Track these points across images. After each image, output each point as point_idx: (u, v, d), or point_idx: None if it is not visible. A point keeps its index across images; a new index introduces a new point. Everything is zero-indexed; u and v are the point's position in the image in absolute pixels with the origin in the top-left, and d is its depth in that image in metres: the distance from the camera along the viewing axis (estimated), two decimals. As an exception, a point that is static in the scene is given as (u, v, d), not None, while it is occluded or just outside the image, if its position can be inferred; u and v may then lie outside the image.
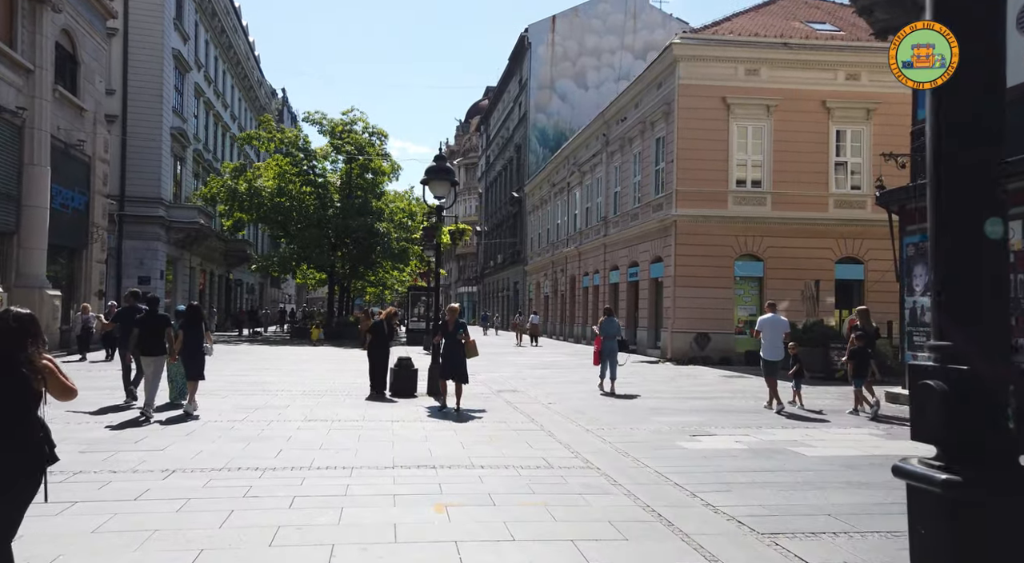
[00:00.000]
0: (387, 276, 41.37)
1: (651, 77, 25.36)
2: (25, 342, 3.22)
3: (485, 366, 19.79)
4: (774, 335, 11.49)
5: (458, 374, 10.83)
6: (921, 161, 11.68)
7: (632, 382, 15.99)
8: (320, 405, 11.25)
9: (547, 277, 42.13)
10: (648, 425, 9.74)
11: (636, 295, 27.49)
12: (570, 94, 50.01)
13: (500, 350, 28.55)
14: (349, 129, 34.89)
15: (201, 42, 36.23)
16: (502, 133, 58.69)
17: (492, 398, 12.72)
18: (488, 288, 63.94)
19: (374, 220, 32.80)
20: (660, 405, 11.95)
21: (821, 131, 23.45)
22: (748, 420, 10.28)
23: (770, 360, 11.49)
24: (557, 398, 12.79)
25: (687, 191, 23.02)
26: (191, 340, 10.36)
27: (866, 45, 23.64)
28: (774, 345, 11.46)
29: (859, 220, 23.33)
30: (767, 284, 23.34)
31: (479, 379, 16.00)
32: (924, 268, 11.78)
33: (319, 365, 18.91)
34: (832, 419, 10.61)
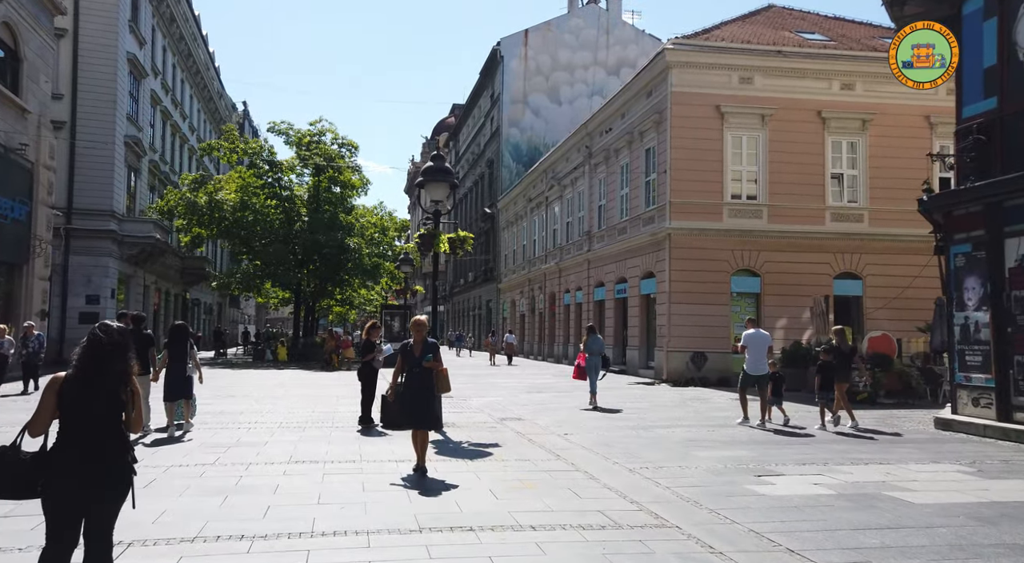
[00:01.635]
0: (355, 294, 39.49)
1: (640, 85, 24.38)
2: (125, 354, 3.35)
3: (473, 389, 18.26)
4: (758, 350, 11.63)
5: (426, 419, 7.43)
6: (971, 162, 10.69)
7: (640, 406, 14.63)
8: (304, 440, 9.58)
9: (523, 295, 40.75)
10: (695, 462, 8.35)
11: (624, 313, 26.26)
12: (544, 109, 49.13)
13: (479, 371, 27.02)
14: (317, 140, 33.18)
15: (158, 48, 34.21)
16: (472, 149, 57.49)
17: (498, 428, 11.20)
18: (457, 307, 62.27)
19: (344, 235, 31.03)
20: (691, 436, 10.58)
21: (816, 141, 22.71)
22: (803, 453, 8.98)
23: (753, 375, 11.60)
24: (571, 427, 11.34)
25: (681, 203, 21.96)
26: (175, 360, 10.14)
27: (860, 54, 23.13)
28: (758, 360, 11.61)
29: (857, 234, 22.59)
30: (764, 300, 22.35)
31: (472, 405, 14.49)
32: (977, 280, 10.74)
33: (291, 390, 17.09)
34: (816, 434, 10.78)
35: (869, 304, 22.52)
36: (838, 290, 22.49)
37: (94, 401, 3.25)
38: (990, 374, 10.47)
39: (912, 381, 15.24)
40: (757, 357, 11.58)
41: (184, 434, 9.86)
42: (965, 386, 10.92)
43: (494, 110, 50.56)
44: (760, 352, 11.61)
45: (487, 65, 52.00)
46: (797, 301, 22.18)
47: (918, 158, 23.23)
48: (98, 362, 3.27)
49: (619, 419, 12.41)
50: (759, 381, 11.56)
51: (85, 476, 3.23)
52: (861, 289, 22.87)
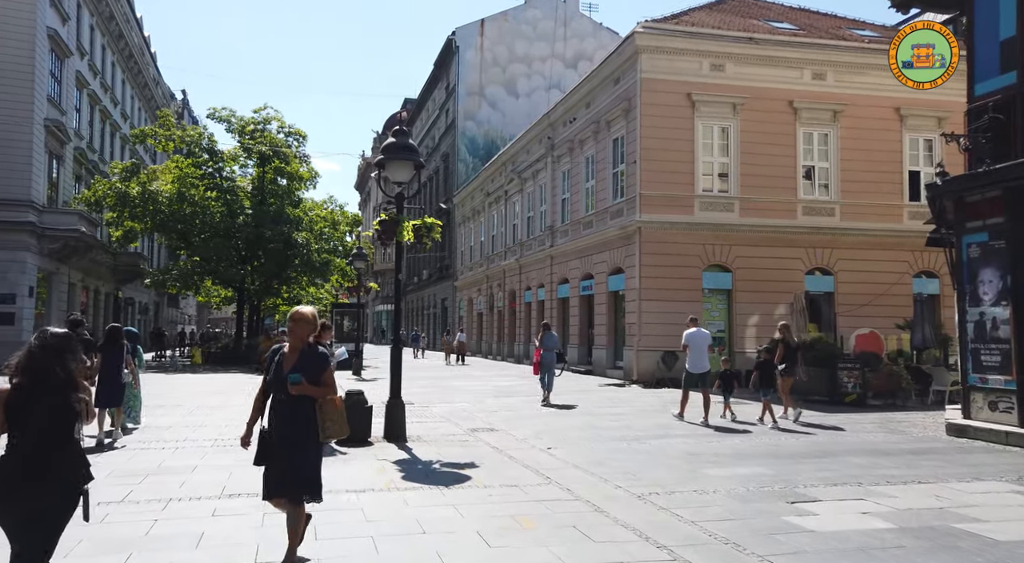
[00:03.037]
0: (304, 293, 37.40)
1: (607, 72, 23.26)
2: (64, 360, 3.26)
3: (435, 394, 16.81)
4: (699, 349, 11.91)
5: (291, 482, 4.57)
6: (986, 143, 9.80)
7: (619, 412, 13.44)
8: (242, 464, 7.96)
9: (481, 293, 39.34)
10: (710, 483, 7.13)
11: (590, 310, 25.13)
12: (501, 101, 47.78)
13: (439, 373, 25.56)
14: (262, 128, 31.04)
15: (85, 26, 31.51)
16: (427, 142, 55.74)
17: (471, 442, 9.81)
18: (410, 306, 60.42)
19: (291, 229, 29.05)
20: (689, 448, 9.40)
21: (788, 133, 21.99)
22: (827, 470, 7.87)
23: (696, 373, 11.87)
24: (552, 439, 10.03)
25: (652, 195, 20.92)
26: (108, 365, 9.47)
27: (831, 43, 22.53)
28: (700, 359, 11.86)
29: (828, 228, 21.97)
30: (736, 297, 21.51)
31: (436, 412, 13.07)
32: (995, 272, 9.86)
33: (231, 398, 15.29)
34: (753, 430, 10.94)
35: (841, 300, 21.92)
36: (810, 286, 21.80)
37: (34, 413, 3.16)
38: (1010, 375, 9.60)
39: (902, 381, 14.44)
40: (698, 356, 11.86)
41: (115, 442, 9.34)
42: (980, 388, 10.04)
43: (449, 102, 48.99)
44: (701, 351, 11.89)
45: (442, 56, 50.36)
46: (770, 297, 21.43)
47: (889, 151, 22.88)
48: (34, 371, 3.19)
49: (603, 429, 11.16)
50: (702, 379, 11.87)
51: (26, 492, 3.13)
52: (833, 285, 22.26)
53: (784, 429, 11.05)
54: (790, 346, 12.05)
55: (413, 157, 9.95)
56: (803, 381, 12.39)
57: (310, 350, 4.57)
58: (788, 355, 11.97)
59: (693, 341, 11.90)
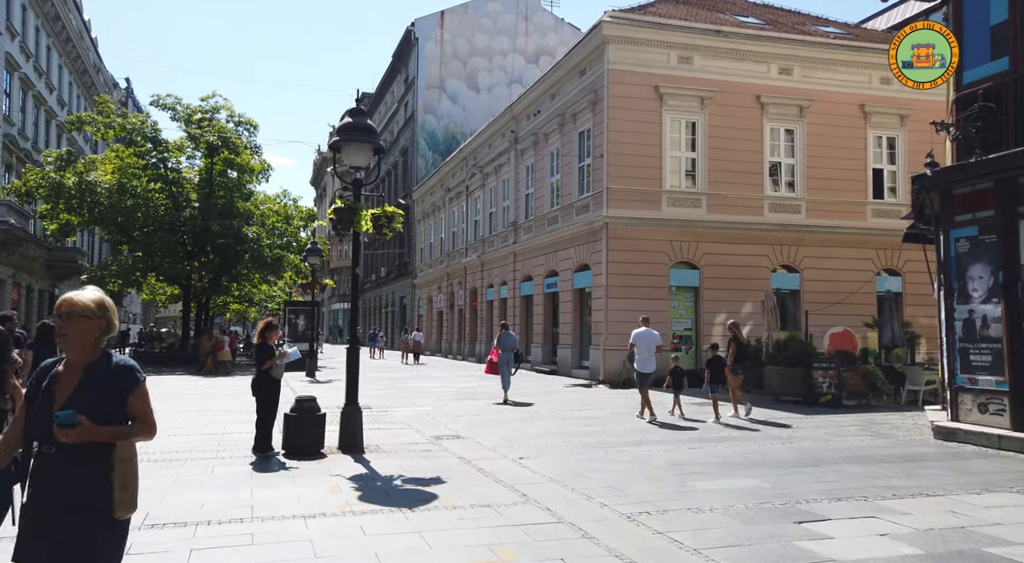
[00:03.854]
0: (255, 290, 35.86)
1: (573, 63, 22.59)
2: None
3: (395, 397, 15.90)
4: (647, 348, 12.10)
5: None
6: (976, 133, 9.37)
7: (591, 416, 12.73)
8: (176, 483, 7.00)
9: (441, 291, 38.36)
10: (703, 499, 6.45)
11: (555, 308, 24.46)
12: (461, 95, 46.82)
13: (396, 373, 24.61)
14: (210, 117, 29.49)
15: (16, 4, 29.46)
16: (385, 136, 54.36)
17: (435, 451, 8.96)
18: (368, 304, 59.01)
19: (241, 223, 27.63)
20: (672, 456, 8.73)
21: (755, 128, 21.67)
22: (824, 483, 7.28)
23: (644, 372, 12.05)
24: (523, 447, 9.25)
25: (619, 190, 20.33)
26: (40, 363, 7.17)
27: (797, 38, 22.28)
28: (647, 358, 12.06)
29: (795, 225, 21.73)
30: (703, 295, 21.09)
31: (396, 418, 12.19)
32: (985, 268, 9.44)
33: (173, 404, 14.09)
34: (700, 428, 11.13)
35: (807, 298, 21.71)
36: (776, 284, 21.53)
37: None
38: (1002, 376, 9.19)
39: (877, 381, 14.10)
40: (646, 355, 12.08)
41: None
42: (969, 390, 9.62)
43: (408, 95, 47.83)
44: (649, 350, 12.10)
45: (400, 47, 49.13)
46: (737, 295, 21.11)
47: (853, 148, 22.77)
48: None
49: (576, 435, 10.43)
50: (649, 378, 12.08)
51: None
52: (799, 283, 22.04)
53: (732, 425, 11.37)
54: (741, 344, 12.46)
55: (372, 139, 9.05)
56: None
57: (98, 366, 2.81)
58: (739, 353, 12.37)
59: (641, 340, 12.16)
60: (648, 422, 11.61)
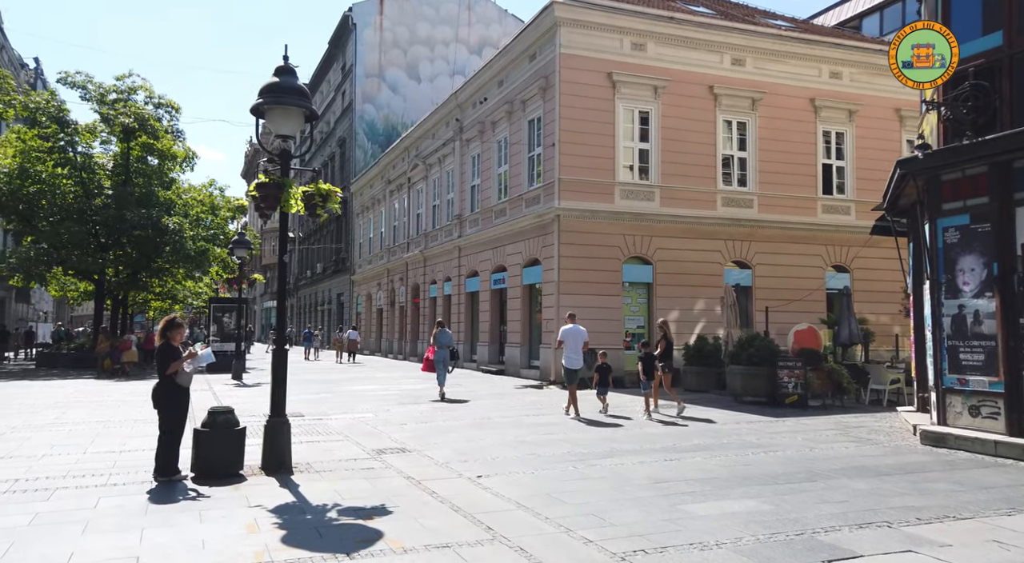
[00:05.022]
0: (178, 287, 33.40)
1: (522, 47, 21.48)
2: None
3: (330, 401, 14.47)
4: (574, 345, 12.25)
5: None
6: (967, 113, 8.70)
7: (551, 422, 11.64)
8: (44, 522, 5.48)
9: (381, 287, 36.69)
10: (705, 529, 5.41)
11: (502, 305, 23.32)
12: (402, 85, 45.13)
13: (333, 375, 23.00)
14: (126, 97, 27.05)
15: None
16: (321, 127, 52.13)
17: (378, 469, 7.68)
18: (303, 302, 56.58)
19: (160, 213, 25.38)
20: (651, 471, 7.71)
21: (708, 120, 21.07)
22: (838, 505, 6.37)
23: (571, 369, 12.26)
24: (480, 462, 8.07)
25: (571, 180, 19.35)
26: None
27: (750, 28, 21.79)
28: (574, 354, 12.25)
29: (747, 220, 21.24)
30: (657, 291, 20.35)
31: (332, 426, 10.82)
32: (977, 260, 8.78)
33: (67, 413, 12.26)
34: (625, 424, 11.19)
35: (759, 295, 21.25)
36: (729, 280, 20.92)
37: None
38: (995, 376, 8.55)
39: (843, 380, 13.51)
40: (573, 351, 12.23)
41: None
42: (959, 391, 8.95)
43: (346, 83, 45.81)
44: (576, 346, 12.25)
45: (337, 33, 47.05)
46: (690, 292, 20.50)
47: (804, 143, 22.44)
48: None
49: (538, 445, 9.30)
50: (577, 374, 12.28)
51: None
52: (751, 279, 21.56)
53: (664, 421, 11.50)
54: (669, 341, 12.60)
55: (303, 103, 7.66)
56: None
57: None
58: (667, 351, 12.50)
59: (568, 337, 12.22)
60: (572, 418, 11.83)
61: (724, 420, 11.69)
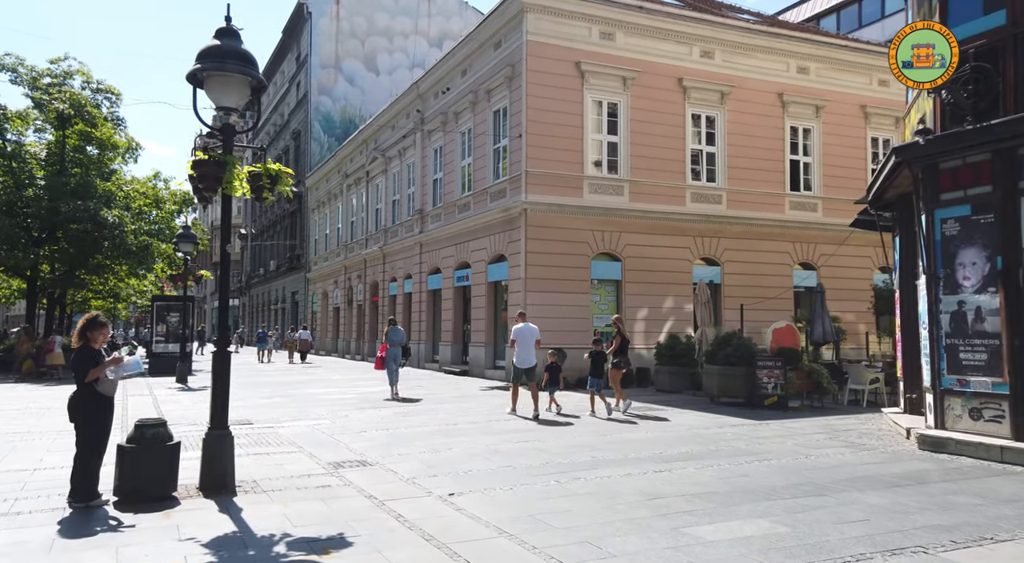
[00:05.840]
0: (121, 285, 31.59)
1: (487, 34, 20.63)
2: None
3: (283, 406, 13.40)
4: (527, 344, 12.10)
5: None
6: (968, 97, 8.20)
7: (522, 427, 10.83)
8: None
9: (338, 285, 35.39)
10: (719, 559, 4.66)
11: (466, 303, 22.43)
12: (359, 77, 43.78)
13: (286, 377, 21.82)
14: (61, 82, 25.31)
15: None
16: (275, 120, 50.36)
17: (335, 487, 6.76)
18: (256, 300, 54.65)
19: (100, 206, 23.76)
20: (642, 484, 6.96)
21: (677, 113, 20.55)
22: (859, 525, 5.70)
23: (522, 367, 12.08)
24: (450, 476, 7.21)
25: (539, 173, 18.60)
26: None
27: (719, 20, 21.35)
28: (527, 353, 12.08)
29: (716, 216, 20.80)
30: (626, 288, 19.75)
31: (284, 436, 9.82)
32: (980, 253, 8.29)
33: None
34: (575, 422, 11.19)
35: (728, 293, 20.87)
36: (698, 277, 20.46)
37: None
38: (999, 377, 8.06)
39: (823, 380, 13.05)
40: (526, 350, 12.06)
41: None
42: (958, 393, 8.45)
43: (301, 74, 44.25)
44: (528, 345, 12.08)
45: (291, 22, 45.46)
46: (659, 289, 19.98)
47: (772, 138, 22.12)
48: None
49: (512, 456, 8.48)
50: (528, 373, 12.06)
51: None
52: (720, 276, 21.13)
53: (612, 419, 11.52)
54: (624, 338, 12.47)
55: (248, 70, 6.68)
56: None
57: None
58: (621, 347, 12.37)
59: (520, 336, 12.15)
60: (509, 413, 11.98)
61: (706, 424, 11.06)
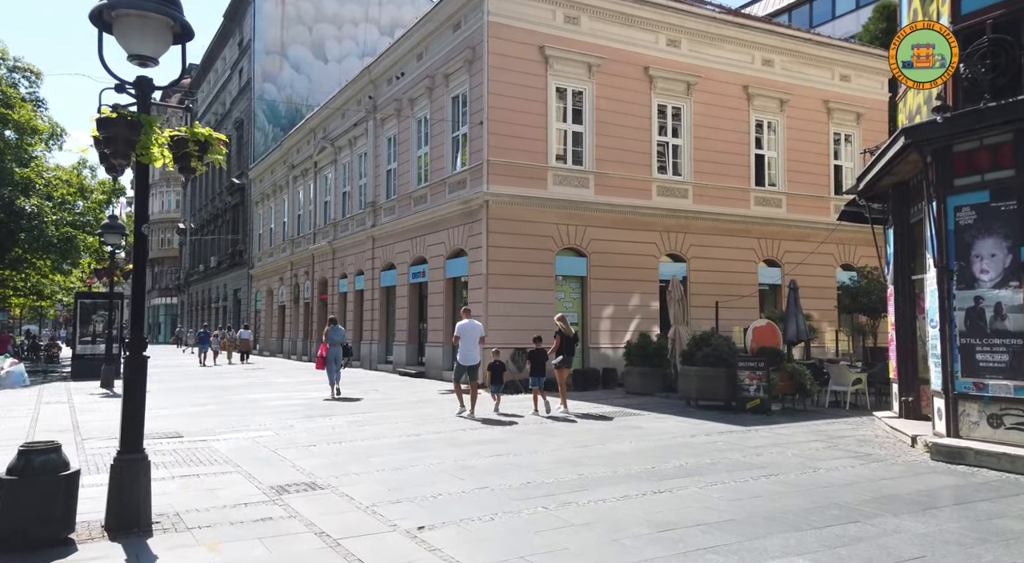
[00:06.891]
0: (45, 281, 29.23)
1: (445, 15, 19.44)
2: None
3: (220, 414, 11.99)
4: (470, 341, 11.93)
5: None
6: (986, 73, 7.50)
7: (497, 438, 9.76)
8: None
9: (283, 282, 33.59)
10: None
11: (423, 301, 21.20)
12: (306, 65, 41.88)
13: (225, 380, 20.22)
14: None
15: None
16: (216, 108, 47.90)
17: (280, 523, 5.53)
18: (195, 298, 52.02)
19: (16, 194, 21.63)
20: (648, 513, 5.96)
21: (644, 103, 19.79)
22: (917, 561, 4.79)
23: (465, 365, 11.91)
24: (418, 502, 6.07)
25: (502, 163, 17.54)
26: None
27: (685, 8, 20.66)
28: (469, 350, 11.91)
29: (682, 211, 20.12)
30: (591, 285, 18.87)
31: (219, 453, 8.51)
32: (999, 243, 7.60)
33: None
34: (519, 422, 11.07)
35: (694, 290, 20.19)
36: (664, 273, 19.74)
37: None
38: (1022, 380, 7.36)
39: (806, 382, 12.37)
40: (469, 347, 11.92)
41: None
42: (975, 397, 7.75)
43: (243, 61, 42.09)
44: (472, 342, 11.94)
45: (233, 6, 43.21)
46: (625, 286, 19.19)
47: (737, 131, 21.57)
48: None
49: (485, 473, 7.39)
50: (470, 371, 11.92)
51: None
52: (686, 272, 20.45)
53: (556, 418, 11.46)
54: (566, 337, 12.27)
55: (168, 10, 5.38)
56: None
57: None
58: (564, 346, 12.22)
59: (464, 333, 11.95)
60: (457, 415, 11.72)
61: (690, 431, 10.18)
